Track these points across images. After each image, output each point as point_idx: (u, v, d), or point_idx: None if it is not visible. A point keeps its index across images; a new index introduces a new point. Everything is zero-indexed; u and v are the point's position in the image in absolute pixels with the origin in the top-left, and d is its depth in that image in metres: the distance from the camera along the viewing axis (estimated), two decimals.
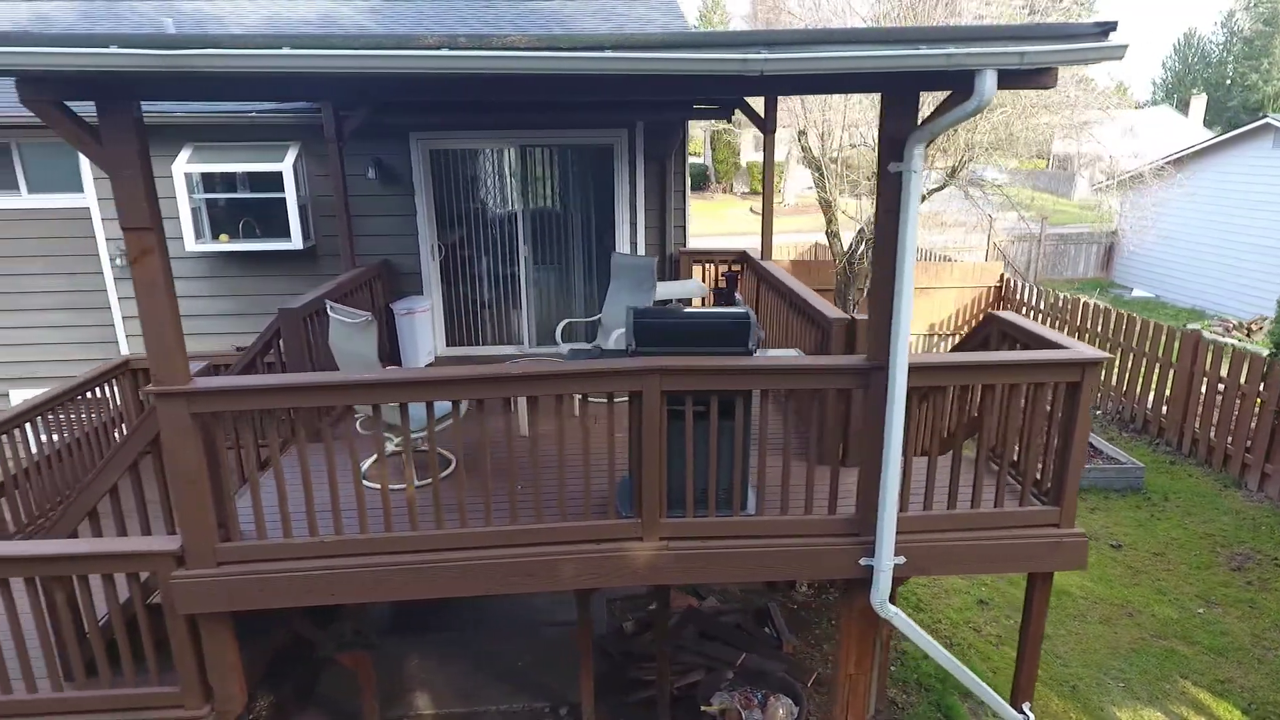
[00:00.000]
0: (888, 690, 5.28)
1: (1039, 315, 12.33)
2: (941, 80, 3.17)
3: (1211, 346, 8.74)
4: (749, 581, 6.29)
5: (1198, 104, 35.30)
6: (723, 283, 7.30)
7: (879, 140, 3.57)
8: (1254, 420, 8.13)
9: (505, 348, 7.91)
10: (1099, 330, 10.77)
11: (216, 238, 7.00)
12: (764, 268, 6.64)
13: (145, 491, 4.21)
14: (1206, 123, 35.80)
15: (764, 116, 6.84)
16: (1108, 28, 2.92)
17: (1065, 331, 11.27)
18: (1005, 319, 4.57)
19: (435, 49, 2.84)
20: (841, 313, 4.79)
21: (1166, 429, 9.39)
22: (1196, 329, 9.41)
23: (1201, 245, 16.95)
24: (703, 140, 38.45)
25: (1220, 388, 8.59)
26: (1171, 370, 9.33)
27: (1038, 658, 4.20)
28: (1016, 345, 4.40)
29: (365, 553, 3.75)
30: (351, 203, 6.88)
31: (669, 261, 7.66)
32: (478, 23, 8.46)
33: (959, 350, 5.53)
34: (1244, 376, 8.20)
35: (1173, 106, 40.10)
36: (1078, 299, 11.66)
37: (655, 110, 6.90)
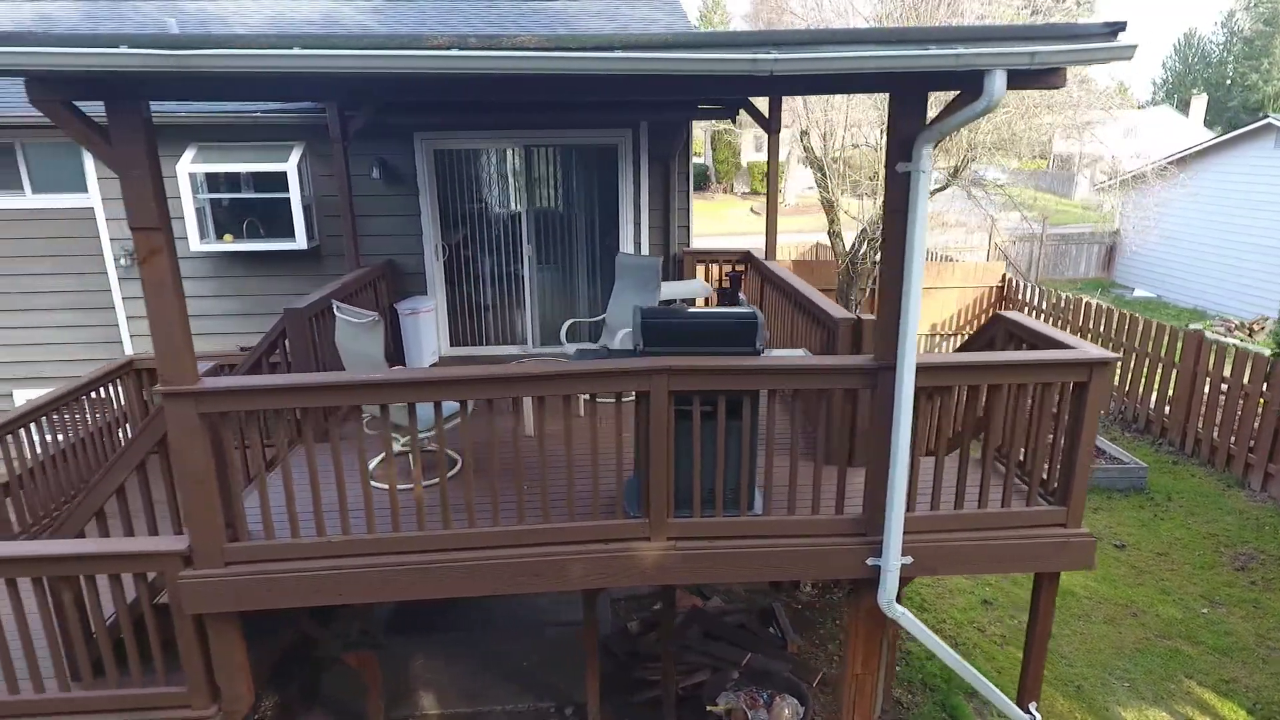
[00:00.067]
0: (893, 690, 5.28)
1: (1041, 315, 12.33)
2: (950, 80, 3.17)
3: (1214, 346, 8.74)
4: (756, 581, 6.29)
5: (1198, 104, 35.30)
6: (726, 283, 7.28)
7: (887, 140, 3.57)
8: (1257, 420, 8.13)
9: (509, 348, 7.90)
10: (1101, 330, 10.78)
11: (221, 238, 6.99)
12: (768, 268, 6.64)
13: (153, 491, 4.21)
14: (1207, 123, 35.80)
15: (768, 116, 6.84)
16: (1117, 28, 2.92)
17: (1067, 332, 11.26)
18: (1012, 319, 4.58)
19: (445, 49, 2.84)
20: (847, 313, 4.79)
21: (1169, 429, 9.39)
22: (1198, 329, 9.41)
23: (1203, 245, 16.95)
24: (703, 140, 38.47)
25: (1223, 388, 8.59)
26: (1174, 370, 9.34)
27: (1044, 658, 4.20)
28: (1023, 345, 4.40)
29: (373, 553, 3.75)
30: (356, 203, 6.88)
31: (673, 261, 7.66)
32: (480, 23, 8.46)
33: (965, 350, 5.54)
34: (1247, 377, 8.21)
35: (1173, 107, 40.10)
36: (1080, 299, 11.67)
37: (659, 110, 6.91)
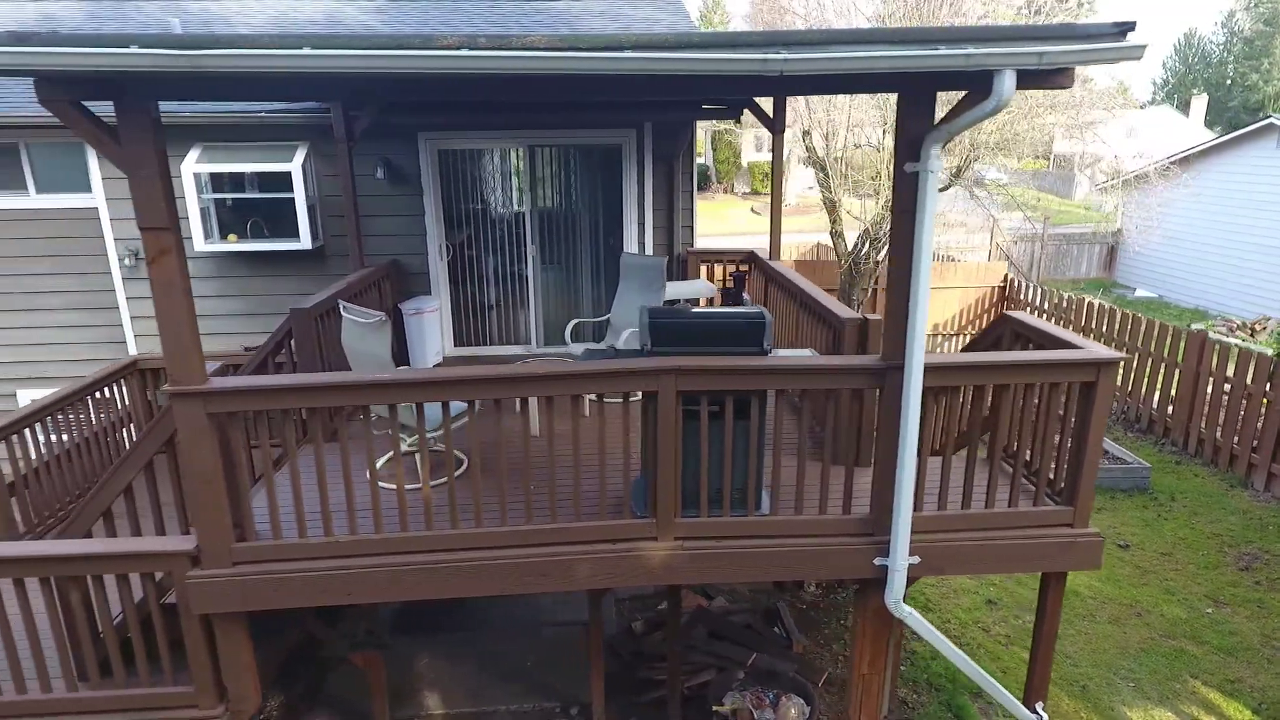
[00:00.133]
0: (898, 690, 5.28)
1: (1043, 315, 12.33)
2: (959, 80, 3.18)
3: (1217, 346, 8.74)
4: (764, 581, 6.29)
5: (1198, 104, 35.29)
6: (730, 283, 7.29)
7: (895, 140, 3.57)
8: (1260, 420, 8.13)
9: (513, 348, 7.90)
10: (1104, 330, 10.78)
11: (225, 238, 6.99)
12: (772, 268, 6.64)
13: (160, 492, 4.21)
14: (1207, 123, 35.81)
15: (773, 117, 6.83)
16: (1126, 28, 2.92)
17: (1070, 331, 11.26)
18: (1019, 319, 4.58)
19: (455, 49, 2.84)
20: (854, 313, 4.79)
21: (1172, 429, 9.39)
22: (1201, 329, 9.41)
23: (1205, 245, 16.95)
24: (703, 140, 38.48)
25: (1226, 388, 8.60)
26: (1177, 370, 9.33)
27: (1051, 657, 4.20)
28: (1029, 345, 4.40)
29: (380, 553, 3.75)
30: (360, 203, 6.88)
31: (677, 261, 7.66)
32: (483, 22, 8.46)
33: (971, 350, 5.54)
34: (1250, 376, 8.21)
35: (1173, 107, 40.08)
36: (1082, 299, 11.67)
37: (664, 110, 6.91)
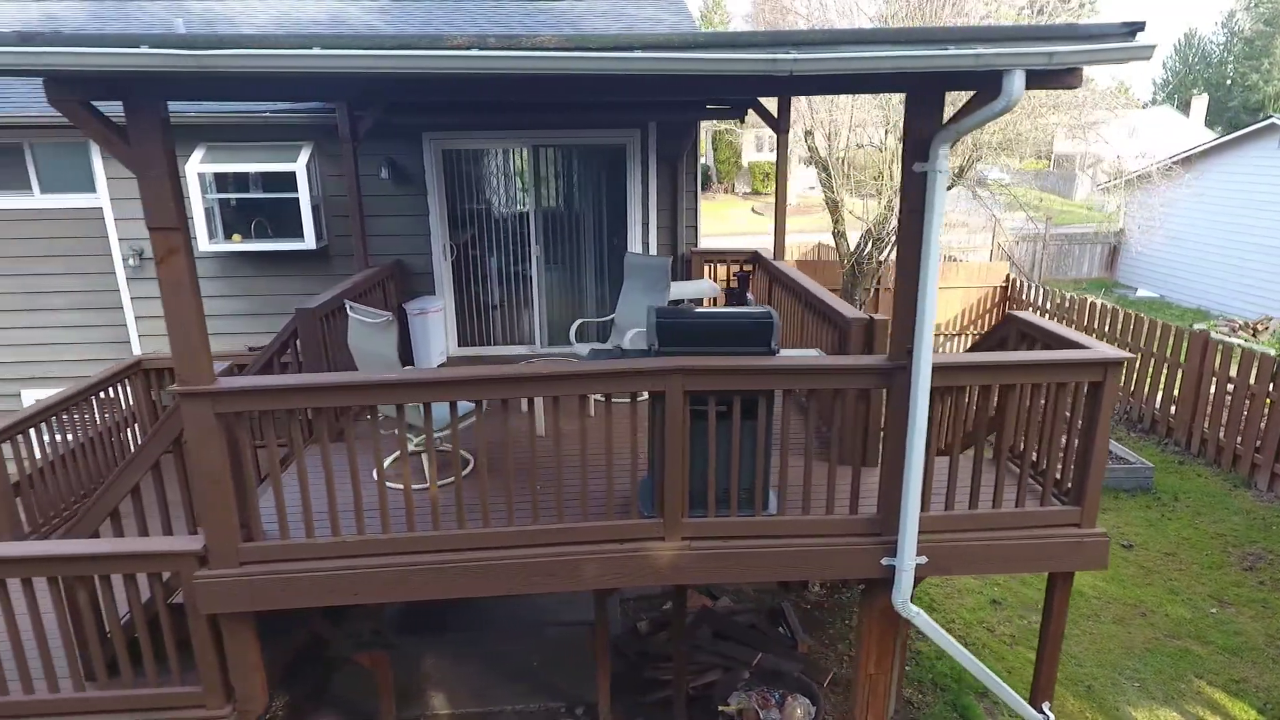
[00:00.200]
0: (904, 690, 5.28)
1: (1046, 315, 12.33)
2: (968, 80, 3.18)
3: (1220, 346, 8.75)
4: (771, 581, 6.29)
5: (1199, 104, 35.27)
6: (734, 283, 7.29)
7: (903, 140, 3.57)
8: (1263, 420, 8.13)
9: (517, 348, 7.90)
10: (1106, 330, 10.78)
11: (229, 238, 6.99)
12: (777, 267, 6.63)
13: (167, 491, 4.21)
14: (1207, 123, 35.80)
15: (777, 117, 6.83)
16: (1135, 28, 2.92)
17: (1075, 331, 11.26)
18: (1024, 319, 4.58)
19: (465, 49, 2.84)
20: (859, 312, 4.79)
21: (1175, 429, 9.39)
22: (1203, 329, 9.41)
23: (1206, 245, 16.95)
24: (704, 140, 38.47)
25: (1229, 387, 8.60)
26: (1180, 370, 9.34)
27: (1058, 657, 4.20)
28: (1035, 345, 4.41)
29: (387, 552, 3.75)
30: (364, 203, 6.88)
31: (681, 261, 7.66)
32: (487, 23, 8.45)
33: (977, 349, 5.54)
34: (1253, 376, 8.21)
35: (1174, 107, 40.07)
36: (1085, 299, 11.67)
37: (668, 110, 6.90)
